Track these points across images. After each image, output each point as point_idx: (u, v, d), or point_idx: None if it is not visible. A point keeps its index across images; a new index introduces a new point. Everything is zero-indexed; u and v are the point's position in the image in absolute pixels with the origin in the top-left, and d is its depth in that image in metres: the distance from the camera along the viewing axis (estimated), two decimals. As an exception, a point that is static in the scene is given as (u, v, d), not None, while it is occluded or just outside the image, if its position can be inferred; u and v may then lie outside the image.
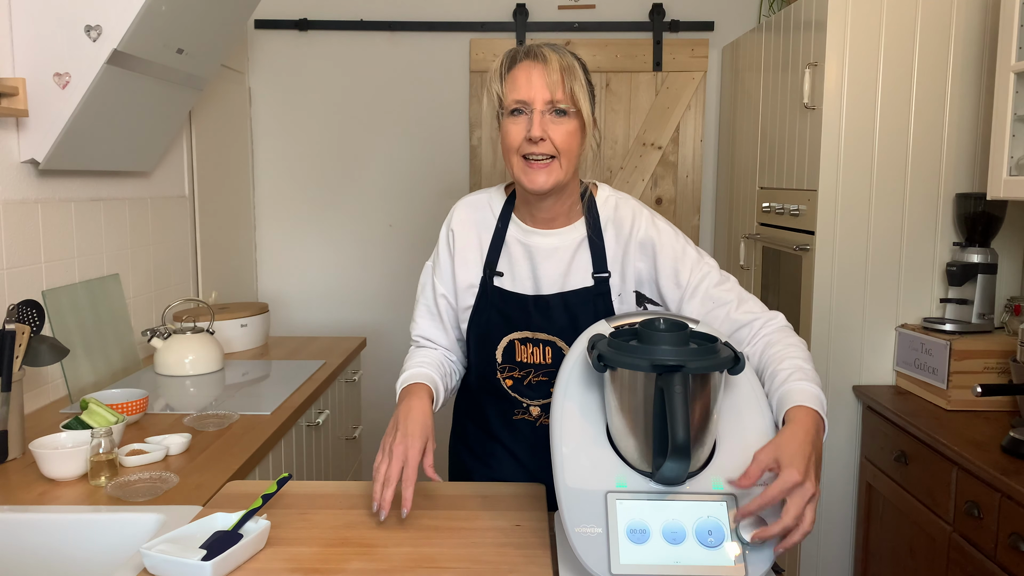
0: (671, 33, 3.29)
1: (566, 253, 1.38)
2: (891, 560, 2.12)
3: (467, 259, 1.43)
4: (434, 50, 3.34)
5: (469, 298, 1.43)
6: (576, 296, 1.37)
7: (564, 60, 1.28)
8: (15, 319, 1.60)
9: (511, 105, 1.28)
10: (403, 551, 1.16)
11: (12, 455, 1.57)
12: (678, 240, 1.36)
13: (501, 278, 1.41)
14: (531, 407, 1.43)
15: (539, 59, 1.27)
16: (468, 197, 1.47)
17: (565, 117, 1.28)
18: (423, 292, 1.49)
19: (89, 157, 2.08)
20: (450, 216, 1.46)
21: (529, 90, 1.26)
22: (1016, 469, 1.61)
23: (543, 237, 1.39)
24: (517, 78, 1.28)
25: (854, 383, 2.29)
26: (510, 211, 1.42)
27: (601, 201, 1.40)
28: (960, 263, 2.14)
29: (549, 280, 1.38)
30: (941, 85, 2.19)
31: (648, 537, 1.01)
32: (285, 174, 3.43)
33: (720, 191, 3.35)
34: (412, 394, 1.32)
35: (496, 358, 1.43)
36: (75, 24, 1.85)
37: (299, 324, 3.48)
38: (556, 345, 1.39)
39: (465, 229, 1.44)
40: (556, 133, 1.27)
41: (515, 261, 1.41)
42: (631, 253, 1.36)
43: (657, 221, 1.38)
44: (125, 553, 1.29)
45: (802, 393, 1.10)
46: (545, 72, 1.26)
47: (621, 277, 1.38)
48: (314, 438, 2.21)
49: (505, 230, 1.41)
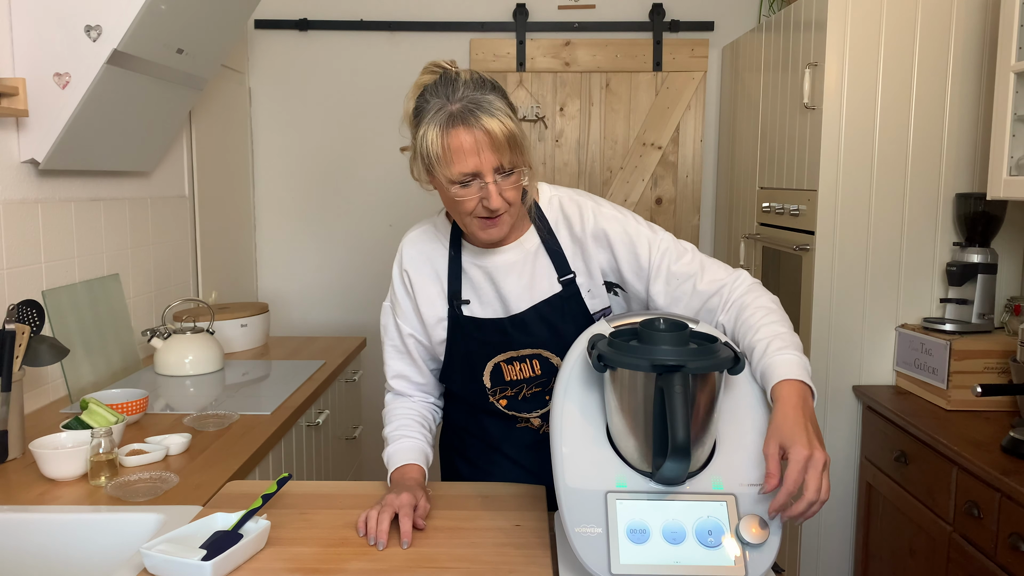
0: (671, 33, 3.29)
1: (526, 265, 1.34)
2: (891, 560, 2.12)
3: (428, 295, 1.38)
4: (434, 50, 3.33)
5: (441, 332, 1.39)
6: (548, 305, 1.34)
7: (503, 124, 1.18)
8: (15, 319, 1.60)
9: (457, 176, 1.20)
10: (403, 551, 1.16)
11: (12, 455, 1.57)
12: (628, 222, 1.33)
13: (468, 306, 1.37)
14: (531, 419, 1.42)
15: (477, 127, 1.17)
16: (413, 232, 1.42)
17: (512, 176, 1.22)
18: (387, 333, 1.44)
19: (89, 157, 2.08)
20: (399, 256, 1.41)
21: (478, 162, 1.18)
22: (1016, 469, 1.61)
23: (498, 255, 1.35)
24: (459, 148, 1.18)
25: (854, 383, 2.29)
26: (459, 237, 1.37)
27: (545, 203, 1.36)
28: (960, 263, 2.14)
29: (516, 296, 1.35)
30: (941, 85, 2.19)
31: (648, 537, 1.01)
32: (285, 174, 3.43)
33: (720, 191, 3.35)
34: (404, 481, 1.31)
35: (485, 383, 1.40)
36: (75, 24, 1.85)
37: (299, 324, 3.48)
38: (542, 356, 1.37)
39: (418, 265, 1.39)
40: (508, 193, 1.23)
41: (477, 286, 1.36)
42: (588, 247, 1.34)
43: (603, 208, 1.35)
44: (125, 553, 1.29)
45: (783, 366, 1.10)
46: (489, 140, 1.18)
47: (587, 274, 1.35)
48: (314, 438, 2.21)
49: (459, 257, 1.37)
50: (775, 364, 1.11)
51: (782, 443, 1.02)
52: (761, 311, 1.21)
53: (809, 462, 1.00)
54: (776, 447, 1.02)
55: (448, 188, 1.22)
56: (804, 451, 1.00)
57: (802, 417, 1.04)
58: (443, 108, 1.19)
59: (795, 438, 1.01)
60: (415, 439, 1.38)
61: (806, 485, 1.00)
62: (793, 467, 1.00)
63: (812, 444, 1.01)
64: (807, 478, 1.00)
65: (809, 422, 1.04)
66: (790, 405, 1.05)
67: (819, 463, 1.00)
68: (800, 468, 1.00)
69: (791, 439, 1.01)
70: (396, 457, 1.35)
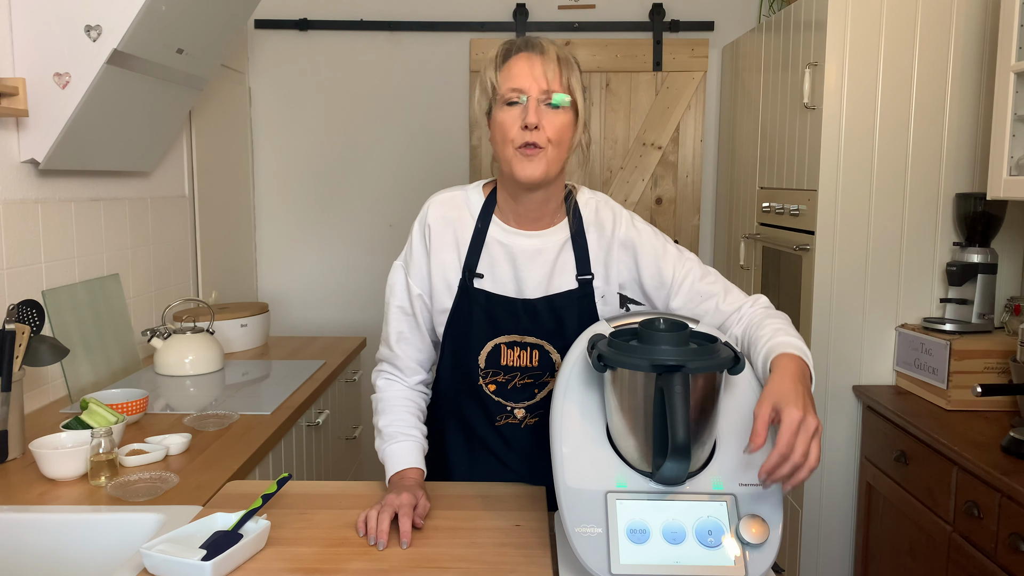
0: (671, 33, 3.29)
1: (550, 255, 1.36)
2: (891, 560, 2.12)
3: (443, 258, 1.38)
4: (434, 50, 3.34)
5: (445, 300, 1.38)
6: (561, 299, 1.35)
7: (562, 52, 1.29)
8: (15, 319, 1.60)
9: (506, 94, 1.26)
10: (403, 551, 1.16)
11: (12, 455, 1.57)
12: (657, 239, 1.37)
13: (481, 280, 1.36)
14: (515, 410, 1.41)
15: (536, 50, 1.27)
16: (442, 194, 1.42)
17: (559, 110, 1.27)
18: (393, 293, 1.42)
19: (89, 157, 2.08)
20: (425, 211, 1.41)
21: (525, 79, 1.25)
22: (1016, 469, 1.61)
23: (526, 239, 1.36)
24: (513, 67, 1.27)
25: (854, 383, 2.29)
26: (490, 211, 1.38)
27: (583, 203, 1.39)
28: (960, 263, 2.14)
29: (533, 283, 1.36)
30: (941, 85, 2.19)
31: (648, 537, 1.01)
32: (285, 174, 3.43)
33: (720, 191, 3.35)
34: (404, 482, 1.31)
35: (479, 363, 1.39)
36: (75, 24, 1.85)
37: (299, 324, 3.48)
38: (544, 348, 1.37)
39: (441, 226, 1.38)
40: (550, 123, 1.26)
41: (496, 262, 1.36)
42: (613, 254, 1.36)
43: (636, 222, 1.39)
44: (125, 553, 1.29)
45: (783, 345, 1.13)
46: (542, 62, 1.26)
47: (605, 279, 1.37)
48: (314, 438, 2.21)
49: (485, 230, 1.37)
50: (776, 345, 1.14)
51: (775, 404, 1.02)
52: (773, 318, 1.24)
53: (801, 425, 1.00)
54: (768, 409, 1.02)
55: (498, 114, 1.29)
56: (797, 414, 1.00)
57: (799, 383, 1.05)
58: (511, 40, 1.33)
59: (789, 400, 1.02)
60: (413, 439, 1.38)
61: (794, 448, 0.99)
62: (785, 429, 1.00)
63: (806, 408, 1.01)
64: (797, 441, 1.00)
65: (804, 389, 1.05)
66: (788, 373, 1.07)
67: (811, 427, 1.00)
68: (792, 430, 0.99)
69: (785, 401, 1.02)
70: (395, 460, 1.35)
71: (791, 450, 0.99)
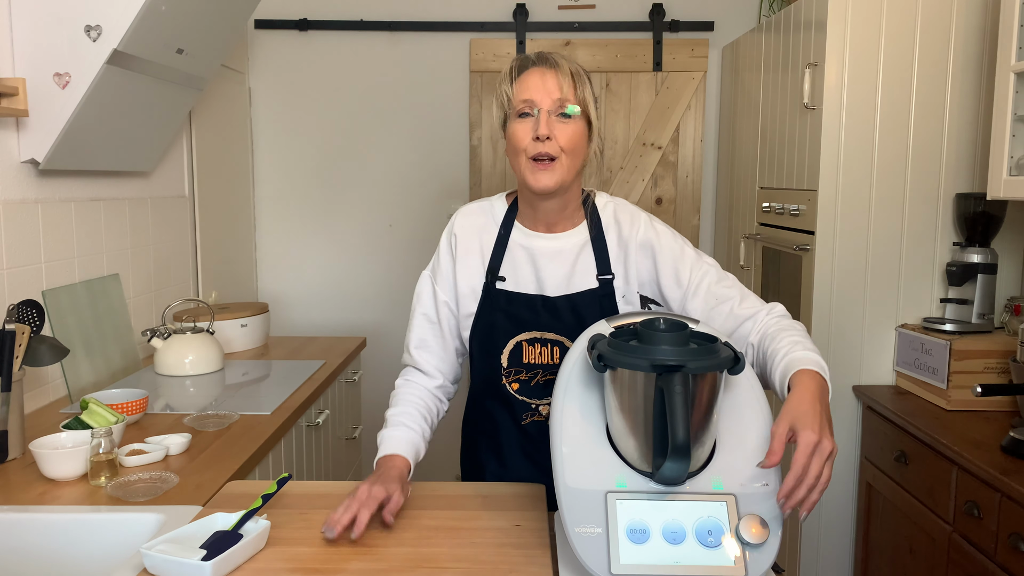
0: (671, 33, 3.29)
1: (570, 256, 1.40)
2: (891, 560, 2.12)
3: (469, 264, 1.44)
4: (434, 50, 3.34)
5: (471, 304, 1.44)
6: (582, 298, 1.39)
7: (574, 67, 1.34)
8: (15, 319, 1.60)
9: (519, 106, 1.32)
10: (403, 551, 1.16)
11: (12, 455, 1.57)
12: (676, 241, 1.40)
13: (504, 282, 1.42)
14: (540, 407, 1.43)
15: (549, 64, 1.33)
16: (468, 205, 1.50)
17: (571, 119, 1.31)
18: (419, 300, 1.49)
19: (89, 157, 2.08)
20: (452, 222, 1.48)
21: (537, 91, 1.31)
22: (1016, 469, 1.61)
23: (546, 241, 1.41)
24: (526, 80, 1.32)
25: (854, 383, 2.29)
26: (513, 217, 1.44)
27: (601, 206, 1.43)
28: (960, 263, 2.14)
29: (553, 283, 1.40)
30: (941, 85, 2.19)
31: (648, 537, 1.01)
32: (285, 174, 3.43)
33: (720, 191, 3.35)
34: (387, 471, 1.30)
35: (501, 363, 1.42)
36: (75, 24, 1.85)
37: (299, 324, 3.48)
38: (564, 345, 1.39)
39: (467, 234, 1.45)
40: (562, 134, 1.31)
41: (518, 264, 1.42)
42: (632, 255, 1.39)
43: (655, 224, 1.42)
44: (125, 553, 1.29)
45: (802, 360, 1.14)
46: (555, 75, 1.31)
47: (624, 279, 1.40)
48: (314, 438, 2.21)
49: (508, 235, 1.43)
50: (794, 360, 1.15)
51: (793, 425, 1.04)
52: (789, 330, 1.25)
53: (816, 447, 1.01)
54: (786, 428, 1.04)
55: (511, 126, 1.34)
56: (813, 436, 1.02)
57: (817, 404, 1.06)
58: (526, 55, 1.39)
59: (807, 422, 1.03)
60: (412, 431, 1.38)
61: (808, 470, 1.01)
62: (801, 452, 1.01)
63: (823, 431, 1.03)
64: (811, 463, 1.01)
65: (824, 411, 1.06)
66: (808, 392, 1.08)
67: (825, 450, 1.02)
68: (808, 453, 1.01)
69: (803, 423, 1.03)
70: (388, 444, 1.35)
71: (806, 472, 1.01)
